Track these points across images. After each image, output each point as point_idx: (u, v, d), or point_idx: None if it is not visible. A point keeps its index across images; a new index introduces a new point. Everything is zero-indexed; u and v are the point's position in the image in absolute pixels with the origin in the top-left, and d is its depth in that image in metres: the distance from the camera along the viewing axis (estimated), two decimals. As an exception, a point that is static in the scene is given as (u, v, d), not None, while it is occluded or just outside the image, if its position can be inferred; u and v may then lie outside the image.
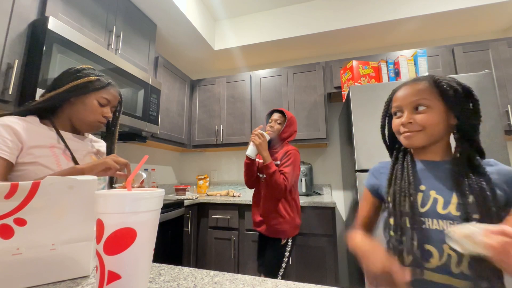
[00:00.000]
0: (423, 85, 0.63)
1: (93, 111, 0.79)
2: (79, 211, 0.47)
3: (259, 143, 1.32)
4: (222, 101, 2.44)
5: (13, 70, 1.02)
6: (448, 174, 0.61)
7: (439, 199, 0.58)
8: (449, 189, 0.59)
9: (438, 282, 0.54)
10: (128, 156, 2.08)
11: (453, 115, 0.61)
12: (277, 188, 1.28)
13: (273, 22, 2.37)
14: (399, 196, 0.62)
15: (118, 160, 0.72)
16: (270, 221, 1.33)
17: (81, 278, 0.47)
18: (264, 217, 1.36)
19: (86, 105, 0.77)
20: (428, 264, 0.55)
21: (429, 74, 0.67)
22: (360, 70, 1.76)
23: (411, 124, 0.63)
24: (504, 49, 1.78)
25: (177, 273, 0.49)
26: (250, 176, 1.45)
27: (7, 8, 1.03)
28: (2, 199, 0.41)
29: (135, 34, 1.77)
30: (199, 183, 2.60)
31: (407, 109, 0.64)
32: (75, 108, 0.78)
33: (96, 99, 0.79)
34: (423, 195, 0.61)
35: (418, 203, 0.60)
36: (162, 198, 0.39)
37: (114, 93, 0.83)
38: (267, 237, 1.36)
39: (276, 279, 1.40)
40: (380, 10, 2.07)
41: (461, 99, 0.60)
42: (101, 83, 0.79)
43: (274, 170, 1.28)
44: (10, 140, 0.65)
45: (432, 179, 0.62)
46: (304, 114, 2.16)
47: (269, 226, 1.33)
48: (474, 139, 0.61)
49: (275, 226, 1.32)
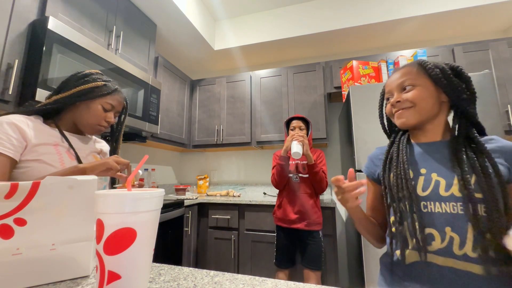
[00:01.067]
0: (409, 68, 0.65)
1: (97, 115, 0.80)
2: (79, 211, 0.47)
3: (307, 142, 1.43)
4: (222, 101, 2.44)
5: (13, 70, 1.02)
6: (448, 155, 0.59)
7: (441, 181, 0.57)
8: (450, 170, 0.57)
9: (442, 265, 0.53)
10: (128, 156, 2.08)
11: (443, 91, 0.61)
12: (321, 185, 1.48)
13: (273, 22, 2.37)
14: (395, 180, 0.62)
15: (119, 160, 0.73)
16: (311, 216, 1.46)
17: (81, 278, 0.47)
18: (302, 214, 1.47)
19: (90, 109, 0.79)
20: (430, 247, 0.55)
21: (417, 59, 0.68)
22: (360, 70, 1.76)
23: (399, 103, 0.64)
24: (504, 49, 1.77)
25: (177, 273, 0.49)
26: (284, 177, 1.53)
27: (7, 8, 1.03)
28: (2, 199, 0.41)
29: (135, 34, 1.77)
30: (199, 183, 2.60)
31: (396, 91, 0.65)
32: (78, 111, 0.79)
33: (101, 104, 0.80)
34: (424, 179, 0.59)
35: (420, 187, 0.59)
36: (162, 198, 0.39)
37: (119, 99, 0.84)
38: (306, 232, 1.47)
39: (320, 269, 1.45)
40: (380, 10, 2.07)
41: (448, 76, 0.59)
42: (107, 89, 0.80)
43: (320, 169, 1.47)
44: (15, 138, 0.66)
45: (433, 161, 0.61)
46: (304, 114, 2.16)
47: (311, 220, 1.46)
48: (470, 115, 0.60)
49: (316, 219, 1.47)
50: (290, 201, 1.51)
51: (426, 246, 0.55)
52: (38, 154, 0.69)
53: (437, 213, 0.55)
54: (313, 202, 1.48)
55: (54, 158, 0.72)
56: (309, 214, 1.46)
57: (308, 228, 1.45)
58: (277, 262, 1.53)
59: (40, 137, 0.71)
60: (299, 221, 1.47)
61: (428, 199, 0.57)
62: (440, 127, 0.64)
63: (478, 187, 0.52)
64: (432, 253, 0.54)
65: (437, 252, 0.54)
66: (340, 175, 0.62)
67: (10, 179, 0.66)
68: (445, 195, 0.55)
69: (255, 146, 2.31)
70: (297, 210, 1.47)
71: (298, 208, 1.47)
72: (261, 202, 1.87)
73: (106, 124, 0.82)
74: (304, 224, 1.46)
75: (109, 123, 0.83)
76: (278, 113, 2.24)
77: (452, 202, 0.54)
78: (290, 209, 1.50)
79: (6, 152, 0.64)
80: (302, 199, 1.48)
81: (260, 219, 1.87)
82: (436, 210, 0.56)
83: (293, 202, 1.50)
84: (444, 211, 0.55)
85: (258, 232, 1.88)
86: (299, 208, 1.47)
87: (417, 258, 0.56)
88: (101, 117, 0.81)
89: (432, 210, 0.56)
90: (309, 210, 1.46)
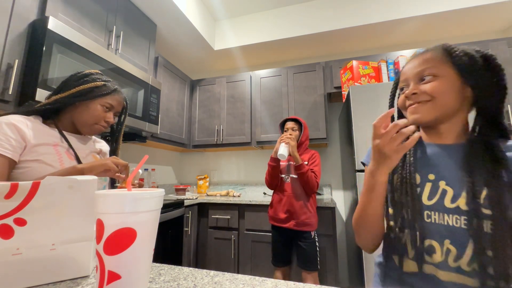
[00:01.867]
0: (432, 54, 0.54)
1: (96, 115, 0.79)
2: (79, 211, 0.47)
3: (294, 144, 1.45)
4: (222, 101, 2.44)
5: (13, 70, 1.02)
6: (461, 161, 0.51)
7: (449, 191, 0.51)
8: (460, 179, 0.50)
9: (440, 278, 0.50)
10: (128, 156, 2.08)
11: (469, 85, 0.51)
12: (310, 185, 1.47)
13: (273, 22, 2.37)
14: (400, 183, 0.56)
15: (118, 162, 0.73)
16: (299, 216, 1.47)
17: (81, 278, 0.47)
18: (291, 213, 1.49)
19: (89, 109, 0.79)
20: (430, 259, 0.51)
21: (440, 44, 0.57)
22: (360, 70, 1.76)
23: (416, 95, 0.54)
24: (504, 49, 1.77)
25: (177, 273, 0.49)
26: (275, 177, 1.57)
27: (7, 8, 1.03)
28: (2, 199, 0.41)
29: (135, 34, 1.77)
30: (199, 183, 2.60)
31: (412, 81, 0.55)
32: (78, 111, 0.79)
33: (100, 104, 0.80)
34: (431, 186, 0.53)
35: (426, 195, 0.53)
36: (162, 198, 0.39)
37: (119, 99, 0.84)
38: (296, 232, 1.49)
39: (317, 270, 1.45)
40: (380, 10, 2.07)
41: (478, 67, 0.50)
42: (107, 89, 0.80)
43: (307, 169, 1.46)
44: (14, 139, 0.66)
45: (443, 167, 0.53)
46: (304, 114, 2.16)
47: (299, 220, 1.47)
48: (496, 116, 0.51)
49: (305, 220, 1.47)
50: (280, 201, 1.55)
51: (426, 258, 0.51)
52: (38, 155, 0.69)
53: (438, 224, 0.51)
54: (302, 202, 1.49)
55: (54, 158, 0.72)
56: (298, 214, 1.47)
57: (297, 228, 1.47)
58: (273, 260, 1.58)
59: (39, 137, 0.71)
60: (287, 221, 1.49)
61: (432, 209, 0.52)
62: (458, 126, 0.55)
63: (488, 203, 0.46)
64: (432, 265, 0.51)
65: (438, 265, 0.50)
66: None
67: (9, 179, 0.66)
68: (450, 206, 0.50)
69: (255, 146, 2.31)
70: (286, 209, 1.50)
71: (287, 208, 1.50)
72: (261, 202, 1.87)
73: (105, 124, 0.82)
74: (292, 224, 1.48)
75: (108, 123, 0.83)
76: (278, 113, 2.24)
77: (455, 215, 0.49)
78: (280, 208, 1.53)
79: (5, 153, 0.64)
80: (291, 199, 1.50)
81: (260, 219, 1.87)
82: (439, 221, 0.51)
83: (283, 201, 1.53)
84: (446, 223, 0.50)
85: (258, 232, 1.88)
86: (288, 207, 1.50)
87: (415, 269, 0.52)
88: (100, 117, 0.80)
89: (435, 220, 0.51)
90: (298, 210, 1.47)
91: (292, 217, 1.48)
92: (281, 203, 1.54)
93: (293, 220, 1.48)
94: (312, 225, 1.49)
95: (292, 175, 1.56)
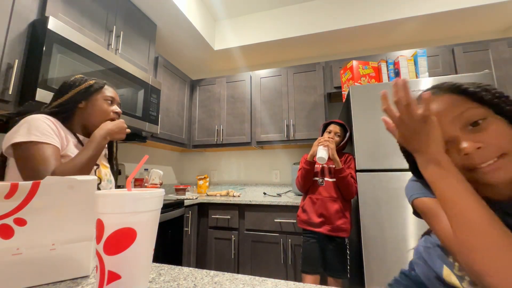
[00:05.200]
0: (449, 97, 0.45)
1: (104, 109, 0.85)
2: (79, 211, 0.47)
3: (333, 147, 1.40)
4: (222, 101, 2.44)
5: (13, 70, 1.02)
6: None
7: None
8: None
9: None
10: (128, 156, 2.08)
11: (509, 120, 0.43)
12: (350, 190, 1.41)
13: (273, 22, 2.37)
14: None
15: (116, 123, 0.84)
16: (335, 221, 1.41)
17: (81, 278, 0.47)
18: (326, 218, 1.43)
19: (96, 106, 0.83)
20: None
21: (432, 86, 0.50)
22: (360, 70, 1.76)
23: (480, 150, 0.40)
24: (504, 49, 1.77)
25: (177, 273, 0.49)
26: (308, 180, 1.50)
27: (7, 8, 1.03)
28: (2, 199, 0.41)
29: (135, 34, 1.77)
30: (199, 183, 2.60)
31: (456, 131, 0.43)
32: (87, 113, 0.83)
33: (102, 99, 0.85)
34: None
35: None
36: (162, 198, 0.39)
37: (113, 91, 0.90)
38: (330, 237, 1.42)
39: (346, 277, 1.40)
40: (380, 10, 2.07)
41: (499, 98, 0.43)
42: (99, 83, 0.86)
43: (348, 174, 1.41)
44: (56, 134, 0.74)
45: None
46: (304, 114, 2.16)
47: (334, 226, 1.41)
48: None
49: (341, 225, 1.41)
50: (313, 204, 1.48)
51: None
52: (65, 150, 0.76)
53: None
54: (338, 207, 1.42)
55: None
56: (333, 219, 1.41)
57: (331, 233, 1.40)
58: (303, 267, 1.46)
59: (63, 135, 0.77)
60: (321, 225, 1.42)
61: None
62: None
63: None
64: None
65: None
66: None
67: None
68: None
69: (255, 146, 2.31)
70: (320, 213, 1.44)
71: (322, 212, 1.43)
72: (261, 202, 1.87)
73: (115, 116, 0.88)
74: (327, 229, 1.41)
75: (117, 114, 0.89)
76: (278, 113, 2.24)
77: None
78: (314, 212, 1.46)
79: (57, 144, 0.72)
80: (326, 203, 1.43)
81: (260, 219, 1.87)
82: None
83: (317, 205, 1.46)
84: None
85: (258, 232, 1.88)
86: (323, 211, 1.43)
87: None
88: (108, 111, 0.86)
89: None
90: (333, 215, 1.41)
91: (327, 222, 1.42)
92: (314, 207, 1.46)
93: (327, 225, 1.42)
94: (347, 231, 1.42)
95: (327, 179, 1.49)
